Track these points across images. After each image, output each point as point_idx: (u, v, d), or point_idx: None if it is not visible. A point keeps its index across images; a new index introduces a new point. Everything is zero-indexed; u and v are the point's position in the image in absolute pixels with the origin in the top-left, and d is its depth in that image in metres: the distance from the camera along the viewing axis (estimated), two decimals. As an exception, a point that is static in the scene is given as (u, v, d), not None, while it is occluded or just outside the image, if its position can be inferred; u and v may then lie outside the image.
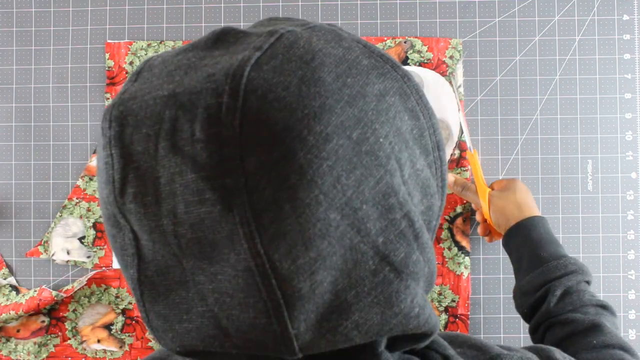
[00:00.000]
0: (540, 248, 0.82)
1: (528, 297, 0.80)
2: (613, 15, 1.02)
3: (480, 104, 1.02)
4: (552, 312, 0.76)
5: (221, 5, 1.04)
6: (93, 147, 1.03)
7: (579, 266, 0.79)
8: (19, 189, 1.03)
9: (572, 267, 0.78)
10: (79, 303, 1.02)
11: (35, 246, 1.02)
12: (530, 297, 0.80)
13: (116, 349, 1.02)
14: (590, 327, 0.72)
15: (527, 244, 0.84)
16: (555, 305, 0.76)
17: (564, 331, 0.74)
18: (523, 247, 0.84)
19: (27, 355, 1.02)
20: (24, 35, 1.04)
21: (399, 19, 1.03)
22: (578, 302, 0.76)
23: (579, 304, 0.75)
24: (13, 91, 1.03)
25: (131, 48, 1.03)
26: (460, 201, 1.01)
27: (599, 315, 0.74)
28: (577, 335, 0.72)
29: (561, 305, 0.76)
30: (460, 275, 1.01)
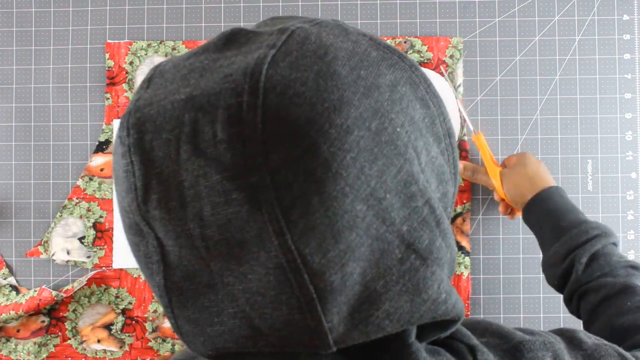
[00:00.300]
0: (559, 218, 0.81)
1: (555, 269, 0.79)
2: (613, 15, 1.02)
3: (480, 104, 1.02)
4: (581, 280, 0.75)
5: (221, 5, 1.04)
6: (93, 147, 1.03)
7: (602, 229, 0.77)
8: (19, 189, 1.03)
9: (593, 231, 0.77)
10: (79, 303, 1.02)
11: (35, 246, 1.02)
12: (558, 268, 0.79)
13: (116, 349, 1.02)
14: (622, 290, 0.71)
15: (545, 217, 0.83)
16: (583, 273, 0.75)
17: (596, 298, 0.72)
18: (543, 220, 0.83)
19: (27, 355, 1.02)
20: (24, 35, 1.04)
21: (399, 18, 1.03)
22: (606, 266, 0.74)
23: (607, 268, 0.74)
24: (13, 91, 1.03)
25: (131, 48, 1.03)
26: (460, 201, 1.01)
27: (630, 276, 0.73)
28: (610, 300, 0.71)
29: (589, 272, 0.75)
30: (460, 275, 1.01)
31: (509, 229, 1.02)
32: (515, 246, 1.01)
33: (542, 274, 0.83)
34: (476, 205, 1.02)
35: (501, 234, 1.02)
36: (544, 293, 1.01)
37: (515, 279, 1.01)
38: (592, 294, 0.73)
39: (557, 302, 1.01)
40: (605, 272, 0.74)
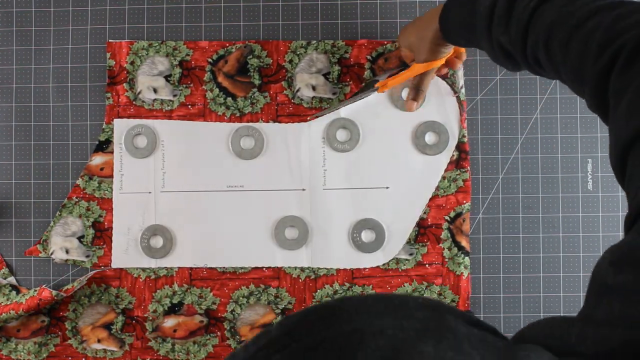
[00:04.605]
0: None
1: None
2: (613, 14, 1.02)
3: (480, 103, 1.02)
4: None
5: (221, 5, 1.04)
6: (93, 147, 1.03)
7: None
8: (19, 189, 1.03)
9: None
10: (79, 303, 1.02)
11: (34, 245, 1.02)
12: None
13: (116, 349, 1.02)
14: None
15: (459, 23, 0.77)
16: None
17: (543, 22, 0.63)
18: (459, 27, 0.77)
19: (27, 355, 1.02)
20: (24, 35, 1.04)
21: (399, 18, 1.03)
22: None
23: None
24: (13, 91, 1.04)
25: (132, 48, 1.03)
26: (460, 201, 1.01)
27: None
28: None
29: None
30: (460, 275, 1.01)
31: (509, 229, 1.02)
32: (515, 246, 1.01)
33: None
34: (476, 205, 1.02)
35: (501, 234, 1.02)
36: (544, 292, 1.01)
37: (515, 278, 1.01)
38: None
39: (557, 302, 1.01)
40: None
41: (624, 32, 0.53)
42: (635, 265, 0.42)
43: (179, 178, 1.02)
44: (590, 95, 0.57)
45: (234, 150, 1.02)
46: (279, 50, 1.03)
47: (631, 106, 0.50)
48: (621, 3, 0.57)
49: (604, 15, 0.56)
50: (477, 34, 0.73)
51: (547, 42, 0.62)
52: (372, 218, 1.01)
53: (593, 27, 0.56)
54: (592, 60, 0.55)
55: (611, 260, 0.44)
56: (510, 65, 0.72)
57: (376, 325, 0.37)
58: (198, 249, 1.02)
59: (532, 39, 0.64)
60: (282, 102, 1.02)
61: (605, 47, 0.54)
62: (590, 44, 0.55)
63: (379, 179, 1.02)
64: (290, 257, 1.01)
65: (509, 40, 0.67)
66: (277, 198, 1.02)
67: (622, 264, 0.43)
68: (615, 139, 0.51)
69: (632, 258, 0.42)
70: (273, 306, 1.02)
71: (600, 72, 0.54)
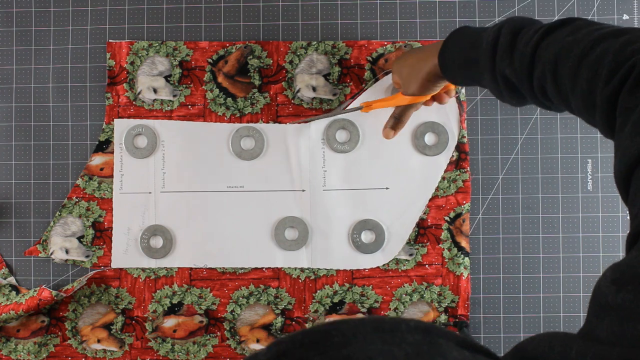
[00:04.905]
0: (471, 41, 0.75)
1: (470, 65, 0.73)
2: (613, 15, 1.02)
3: (480, 103, 1.02)
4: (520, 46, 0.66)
5: (221, 5, 1.04)
6: (93, 147, 1.03)
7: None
8: (19, 189, 1.03)
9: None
10: (79, 303, 1.02)
11: (34, 245, 1.02)
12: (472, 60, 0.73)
13: (116, 349, 1.02)
14: (561, 24, 0.64)
15: (461, 51, 0.77)
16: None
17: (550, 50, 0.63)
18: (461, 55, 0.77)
19: (27, 355, 1.02)
20: (24, 35, 1.04)
21: (399, 18, 1.03)
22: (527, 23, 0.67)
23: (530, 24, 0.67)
24: (13, 91, 1.04)
25: (132, 48, 1.03)
26: (460, 202, 1.01)
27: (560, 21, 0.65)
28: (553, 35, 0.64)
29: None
30: (460, 275, 1.01)
31: (509, 229, 1.02)
32: (515, 246, 1.01)
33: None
34: (476, 205, 1.02)
35: (501, 234, 1.02)
36: (544, 293, 1.01)
37: (515, 278, 1.01)
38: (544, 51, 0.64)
39: (557, 302, 1.01)
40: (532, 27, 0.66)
41: (633, 55, 0.53)
42: (636, 283, 0.42)
43: (179, 178, 1.02)
44: (601, 119, 0.57)
45: (234, 150, 1.02)
46: (279, 51, 1.03)
47: (638, 124, 0.50)
48: (626, 30, 0.58)
49: (611, 41, 0.56)
50: (480, 69, 0.72)
51: (555, 72, 0.62)
52: (372, 219, 1.01)
53: (602, 53, 0.56)
54: (603, 84, 0.55)
55: (613, 279, 0.44)
56: (515, 99, 0.72)
57: (368, 351, 0.38)
58: (198, 249, 1.02)
59: (538, 70, 0.64)
60: (282, 102, 1.02)
61: (616, 70, 0.54)
62: (601, 69, 0.55)
63: (378, 179, 1.02)
64: (290, 257, 1.01)
65: (514, 73, 0.67)
66: (277, 199, 1.02)
67: (623, 283, 0.43)
68: (621, 157, 0.51)
69: (632, 276, 0.42)
70: (273, 306, 1.02)
71: (611, 93, 0.54)
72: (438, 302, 1.01)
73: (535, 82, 0.65)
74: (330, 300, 1.01)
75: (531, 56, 0.64)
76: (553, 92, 0.63)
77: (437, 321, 1.01)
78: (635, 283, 0.42)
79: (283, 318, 1.02)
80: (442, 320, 1.01)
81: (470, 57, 0.73)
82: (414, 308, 1.01)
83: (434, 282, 1.01)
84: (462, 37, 0.76)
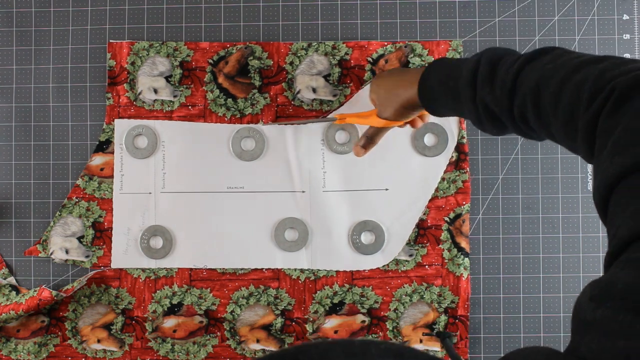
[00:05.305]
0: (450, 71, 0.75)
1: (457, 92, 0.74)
2: (613, 15, 1.02)
3: (480, 104, 1.02)
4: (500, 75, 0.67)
5: (221, 5, 1.04)
6: (93, 147, 1.03)
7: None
8: (19, 189, 1.03)
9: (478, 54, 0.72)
10: (79, 303, 1.02)
11: (34, 245, 1.02)
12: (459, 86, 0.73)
13: (116, 349, 1.02)
14: (536, 54, 0.65)
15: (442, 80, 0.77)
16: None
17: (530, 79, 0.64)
18: (441, 83, 0.77)
19: (27, 355, 1.02)
20: (24, 35, 1.04)
21: (399, 18, 1.03)
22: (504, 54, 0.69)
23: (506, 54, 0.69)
24: (13, 91, 1.04)
25: (133, 48, 1.03)
26: (460, 202, 1.01)
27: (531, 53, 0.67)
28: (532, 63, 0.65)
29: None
30: (459, 276, 1.01)
31: (509, 229, 1.02)
32: (515, 246, 1.01)
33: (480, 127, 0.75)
34: (476, 205, 1.02)
35: (501, 234, 1.02)
36: (543, 293, 1.01)
37: (515, 279, 1.01)
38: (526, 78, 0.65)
39: (557, 302, 1.01)
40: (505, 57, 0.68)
41: (612, 79, 0.54)
42: (614, 299, 0.42)
43: (179, 179, 1.02)
44: (582, 143, 0.58)
45: (234, 151, 1.02)
46: (280, 52, 1.03)
47: (617, 145, 0.51)
48: (604, 57, 0.59)
49: (591, 68, 0.58)
50: (460, 98, 0.73)
51: (536, 99, 0.62)
52: (372, 220, 1.01)
53: (582, 79, 0.57)
54: (584, 108, 0.56)
55: (591, 295, 0.44)
56: (496, 128, 0.72)
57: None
58: (198, 249, 1.02)
59: (519, 97, 0.65)
60: (282, 103, 1.02)
61: (596, 94, 0.55)
62: (581, 95, 0.56)
63: (378, 180, 1.02)
64: (290, 258, 1.02)
65: (495, 101, 0.68)
66: (277, 200, 1.02)
67: (602, 299, 0.43)
68: (600, 178, 0.52)
69: (611, 293, 0.43)
70: (273, 307, 1.02)
71: (591, 117, 0.55)
72: (438, 302, 1.01)
73: (516, 110, 0.66)
74: (330, 301, 1.01)
75: (512, 84, 0.65)
76: (534, 119, 0.64)
77: (437, 321, 1.01)
78: (614, 299, 0.42)
79: (283, 318, 1.02)
80: (442, 320, 1.01)
81: (450, 87, 0.74)
82: (414, 309, 1.01)
83: (434, 283, 1.01)
84: (441, 68, 0.77)
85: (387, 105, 0.85)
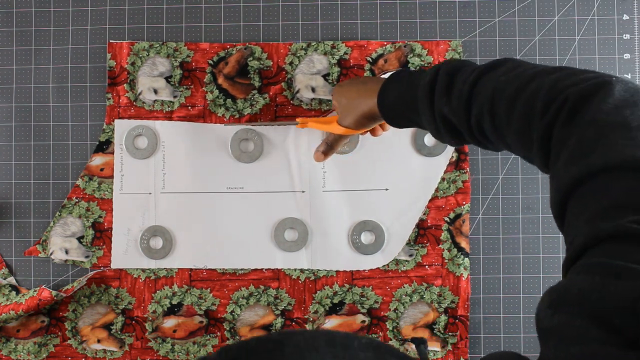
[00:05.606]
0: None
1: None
2: (613, 15, 1.02)
3: (480, 104, 1.02)
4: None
5: (221, 5, 1.04)
6: (93, 147, 1.03)
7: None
8: (19, 189, 1.03)
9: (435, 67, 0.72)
10: (78, 303, 1.02)
11: (34, 245, 1.02)
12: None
13: (116, 349, 1.02)
14: (494, 65, 0.66)
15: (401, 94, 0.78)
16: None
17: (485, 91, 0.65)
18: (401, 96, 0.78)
19: (27, 355, 1.02)
20: (24, 35, 1.04)
21: (399, 18, 1.03)
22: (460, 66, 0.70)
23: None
24: (13, 91, 1.04)
25: (133, 48, 1.03)
26: (459, 202, 1.01)
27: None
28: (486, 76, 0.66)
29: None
30: (459, 276, 1.01)
31: (509, 229, 1.02)
32: (515, 246, 1.01)
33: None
34: (476, 205, 1.02)
35: (501, 234, 1.02)
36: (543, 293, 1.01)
37: (515, 279, 1.01)
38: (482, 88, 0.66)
39: (557, 302, 1.01)
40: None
41: (565, 89, 0.55)
42: (569, 305, 0.43)
43: (179, 179, 1.02)
44: (538, 153, 0.58)
45: (233, 154, 1.02)
46: (279, 52, 1.03)
47: (571, 155, 0.52)
48: (558, 68, 0.60)
49: (545, 77, 0.59)
50: (418, 110, 0.74)
51: (492, 109, 0.63)
52: (372, 220, 1.01)
53: (536, 89, 0.58)
54: (538, 118, 0.57)
55: (549, 302, 0.45)
56: (454, 139, 0.73)
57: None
58: (198, 250, 1.02)
59: (476, 109, 0.65)
60: (281, 103, 1.02)
61: (549, 104, 0.56)
62: (536, 104, 0.57)
63: (378, 180, 1.02)
64: (290, 258, 1.01)
65: (452, 112, 0.68)
66: (277, 200, 1.02)
67: (558, 305, 0.44)
68: (556, 187, 0.53)
69: (567, 299, 0.44)
70: (273, 307, 1.02)
71: (546, 127, 0.56)
72: (438, 302, 1.01)
73: (473, 120, 0.66)
74: (330, 301, 1.01)
75: (468, 95, 0.66)
76: (490, 129, 0.64)
77: (437, 321, 1.01)
78: (570, 305, 0.43)
79: (283, 319, 1.02)
80: (442, 320, 1.01)
81: (408, 98, 0.75)
82: (414, 309, 1.01)
83: (434, 283, 1.01)
84: (401, 79, 0.78)
85: (347, 114, 0.86)
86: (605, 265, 0.44)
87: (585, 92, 0.54)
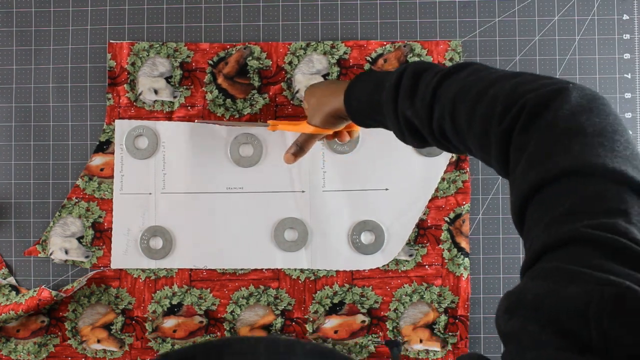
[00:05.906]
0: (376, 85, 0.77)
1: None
2: (613, 14, 1.02)
3: (480, 104, 1.02)
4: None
5: (221, 5, 1.04)
6: (93, 147, 1.03)
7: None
8: (18, 189, 1.03)
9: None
10: (78, 303, 1.02)
11: (34, 245, 1.02)
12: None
13: (116, 349, 1.02)
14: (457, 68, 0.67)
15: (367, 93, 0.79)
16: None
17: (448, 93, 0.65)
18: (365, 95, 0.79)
19: (27, 355, 1.02)
20: (24, 35, 1.04)
21: (399, 18, 1.03)
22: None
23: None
24: (13, 91, 1.04)
25: (133, 49, 1.03)
26: (459, 202, 1.01)
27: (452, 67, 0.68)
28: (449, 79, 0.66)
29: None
30: (460, 276, 1.01)
31: (509, 229, 1.02)
32: (515, 246, 1.01)
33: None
34: (476, 205, 1.02)
35: (501, 234, 1.02)
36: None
37: (515, 279, 1.01)
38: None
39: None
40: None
41: (524, 95, 0.56)
42: (524, 309, 0.44)
43: (179, 179, 1.02)
44: (496, 158, 0.59)
45: (232, 158, 1.02)
46: (279, 52, 1.03)
47: (529, 161, 0.53)
48: (518, 73, 0.61)
49: (504, 83, 0.59)
50: (383, 111, 0.74)
51: (453, 113, 0.64)
52: (372, 220, 1.01)
53: (495, 94, 0.59)
54: (497, 122, 0.57)
55: (506, 307, 0.46)
56: (416, 141, 0.74)
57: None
58: (198, 250, 1.02)
59: (438, 112, 0.66)
60: (281, 103, 1.02)
61: (508, 109, 0.56)
62: (494, 108, 0.58)
63: (378, 180, 1.02)
64: (290, 258, 1.01)
65: (415, 114, 0.69)
66: (277, 200, 1.02)
67: (513, 310, 0.45)
68: (516, 193, 0.54)
69: (522, 303, 0.44)
70: (273, 307, 1.02)
71: (504, 133, 0.56)
72: (438, 302, 1.01)
73: (435, 124, 0.67)
74: (330, 301, 1.01)
75: (431, 98, 0.66)
76: (451, 132, 0.65)
77: (437, 321, 1.01)
78: (525, 309, 0.44)
79: (283, 319, 1.02)
80: (442, 320, 1.01)
81: (373, 99, 0.76)
82: (414, 309, 1.01)
83: (434, 283, 1.01)
84: (367, 79, 0.79)
85: (315, 113, 0.87)
86: (559, 270, 0.45)
87: (543, 99, 0.55)
